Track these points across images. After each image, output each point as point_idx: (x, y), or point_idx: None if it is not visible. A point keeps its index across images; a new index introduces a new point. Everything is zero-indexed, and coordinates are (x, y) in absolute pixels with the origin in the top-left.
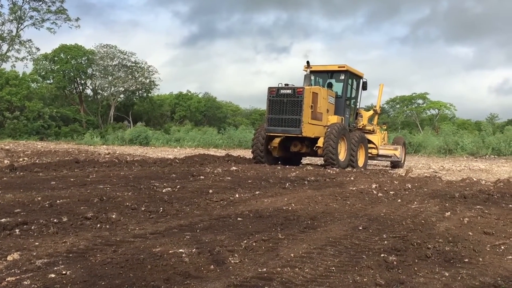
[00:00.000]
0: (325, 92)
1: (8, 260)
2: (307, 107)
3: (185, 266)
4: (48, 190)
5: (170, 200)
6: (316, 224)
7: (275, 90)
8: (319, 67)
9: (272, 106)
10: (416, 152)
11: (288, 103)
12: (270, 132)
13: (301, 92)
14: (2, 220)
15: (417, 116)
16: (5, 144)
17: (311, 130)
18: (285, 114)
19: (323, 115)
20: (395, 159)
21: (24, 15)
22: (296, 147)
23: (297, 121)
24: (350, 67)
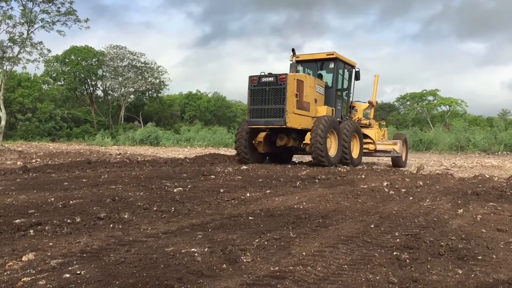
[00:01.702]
0: (312, 80)
1: (23, 260)
2: (291, 96)
3: (197, 265)
4: (61, 191)
5: (181, 199)
6: (327, 222)
7: (256, 79)
8: (306, 56)
9: (253, 96)
10: (427, 149)
11: (270, 92)
12: (252, 124)
13: (284, 79)
14: (17, 221)
15: (428, 113)
16: (17, 146)
17: (296, 120)
18: (268, 104)
19: (310, 105)
20: (395, 154)
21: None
22: (282, 141)
23: (280, 110)
24: (340, 55)
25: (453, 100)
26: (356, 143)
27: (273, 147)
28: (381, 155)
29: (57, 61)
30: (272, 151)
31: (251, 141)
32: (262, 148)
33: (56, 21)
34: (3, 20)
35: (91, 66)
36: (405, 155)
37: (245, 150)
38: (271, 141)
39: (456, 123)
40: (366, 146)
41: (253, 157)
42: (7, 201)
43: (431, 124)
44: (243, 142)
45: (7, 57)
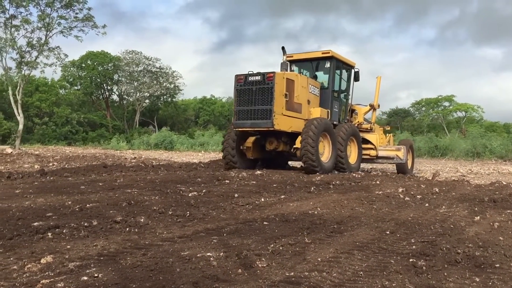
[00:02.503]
0: (305, 80)
1: (41, 263)
2: (280, 96)
3: (213, 269)
4: (78, 194)
5: (196, 204)
6: (342, 228)
7: (242, 78)
8: (300, 55)
9: (240, 97)
10: (443, 155)
11: (257, 92)
12: (238, 126)
13: (272, 78)
14: (35, 223)
15: (443, 119)
16: (34, 149)
17: (286, 123)
18: (255, 105)
19: (302, 106)
20: (398, 161)
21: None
22: (272, 145)
23: (267, 112)
24: (337, 54)
25: (469, 106)
26: (353, 147)
27: (263, 152)
28: (384, 161)
29: (74, 66)
30: (263, 156)
31: (239, 146)
32: (251, 154)
33: (73, 26)
34: (21, 25)
35: (107, 71)
36: (411, 162)
37: (233, 155)
38: (261, 145)
39: (472, 129)
40: (367, 152)
41: (241, 163)
42: (25, 204)
43: (447, 130)
44: (230, 147)
45: (25, 61)
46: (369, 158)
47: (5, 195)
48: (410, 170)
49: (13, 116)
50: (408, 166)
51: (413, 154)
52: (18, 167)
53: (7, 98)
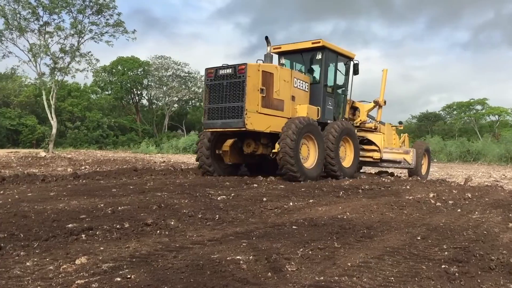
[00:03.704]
0: (287, 73)
1: (76, 263)
2: (253, 91)
3: (243, 273)
4: (109, 197)
5: (225, 207)
6: (372, 233)
7: (213, 72)
8: (288, 46)
9: (210, 93)
10: (475, 160)
11: (228, 87)
12: (208, 127)
13: (243, 71)
14: (69, 225)
15: (475, 123)
16: (67, 153)
17: (262, 122)
18: (226, 102)
19: (284, 103)
20: (406, 166)
21: (84, 29)
22: (250, 148)
23: (238, 109)
24: (330, 43)
25: (503, 110)
26: (349, 149)
27: (244, 156)
28: (389, 165)
29: (105, 71)
30: (243, 161)
31: (214, 150)
32: (229, 158)
33: (104, 32)
34: (55, 31)
35: (137, 76)
36: (427, 167)
37: (208, 161)
38: (241, 148)
39: (506, 133)
40: (370, 154)
41: (218, 170)
42: (60, 206)
43: (479, 134)
44: (205, 151)
45: (58, 67)
46: (372, 161)
47: (40, 198)
48: (425, 176)
49: (47, 120)
50: (423, 171)
51: (429, 158)
52: (52, 170)
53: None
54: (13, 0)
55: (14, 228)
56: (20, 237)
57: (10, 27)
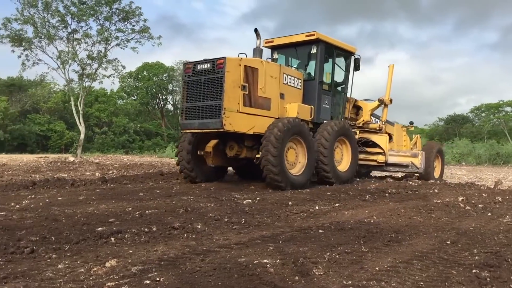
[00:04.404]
0: (275, 68)
1: (106, 266)
2: (234, 88)
3: (270, 276)
4: (137, 201)
5: (251, 211)
6: (400, 237)
7: (191, 67)
8: (281, 39)
9: (188, 90)
10: (505, 163)
11: (206, 84)
12: (186, 128)
13: (222, 66)
14: (99, 228)
15: (505, 125)
16: (95, 158)
17: (244, 122)
18: (203, 100)
19: (271, 101)
20: (414, 170)
21: (110, 36)
22: (232, 151)
23: (215, 108)
24: (325, 36)
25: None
26: (345, 151)
27: (228, 158)
28: (395, 169)
29: (131, 77)
30: (228, 164)
31: (196, 153)
32: (212, 160)
33: (130, 38)
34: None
35: (162, 81)
36: (440, 169)
37: (189, 165)
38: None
39: None
40: (374, 158)
41: (200, 173)
42: (89, 210)
43: (509, 137)
44: (185, 155)
45: (86, 73)
46: (376, 165)
47: (70, 202)
48: (438, 179)
49: (75, 126)
50: (435, 174)
51: (442, 160)
52: (81, 174)
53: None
54: (43, 9)
55: (46, 232)
56: (52, 240)
57: (39, 35)
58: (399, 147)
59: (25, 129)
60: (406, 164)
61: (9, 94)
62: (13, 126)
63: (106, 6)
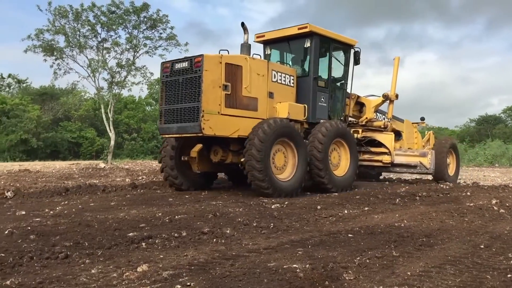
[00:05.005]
0: (262, 64)
1: (138, 271)
2: (214, 87)
3: (300, 281)
4: (167, 206)
5: (279, 216)
6: (432, 241)
7: (169, 66)
8: (273, 33)
9: (167, 92)
10: None
11: (184, 84)
12: (164, 132)
13: (200, 64)
14: (130, 234)
15: None
16: (124, 164)
17: (225, 125)
18: (181, 102)
19: (258, 101)
20: (423, 171)
21: (139, 44)
22: (217, 156)
23: (194, 111)
24: (319, 28)
25: None
26: (344, 154)
27: (215, 164)
28: (403, 170)
29: (159, 83)
30: (216, 169)
31: (180, 158)
32: (197, 166)
33: (158, 46)
34: (112, 47)
35: None
36: (455, 166)
37: (173, 172)
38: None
39: None
40: (379, 158)
41: (187, 182)
42: (120, 216)
43: None
44: (169, 161)
45: (116, 81)
46: (382, 165)
47: (102, 207)
48: (453, 178)
49: (105, 132)
50: (450, 172)
51: (457, 156)
52: (111, 180)
53: (99, 116)
54: (73, 19)
55: (79, 237)
56: (85, 245)
57: (70, 45)
58: (409, 145)
59: (58, 137)
60: (414, 165)
61: (42, 103)
62: (46, 134)
63: (134, 15)
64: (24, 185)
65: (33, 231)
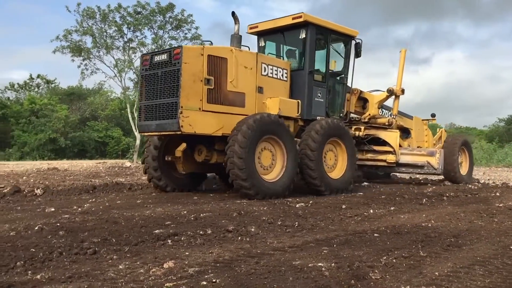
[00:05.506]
0: (250, 57)
1: (164, 267)
2: (193, 82)
3: (325, 280)
4: (192, 204)
5: (304, 215)
6: (460, 242)
7: (148, 58)
8: (267, 24)
9: (146, 86)
10: None
11: (163, 78)
12: (143, 130)
13: (179, 56)
14: (156, 231)
15: None
16: None
17: (208, 122)
18: (160, 97)
19: (246, 96)
20: (431, 171)
21: (164, 44)
22: (201, 155)
23: (172, 107)
24: (315, 17)
25: None
26: (340, 155)
27: (201, 164)
28: (409, 170)
29: None
30: (203, 169)
31: (163, 158)
32: (183, 166)
33: None
34: (138, 47)
35: None
36: (468, 165)
37: (157, 174)
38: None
39: None
40: (383, 157)
41: (172, 182)
42: (146, 213)
43: None
44: (152, 162)
45: None
46: (386, 165)
47: (128, 205)
48: (466, 177)
49: (131, 132)
50: (462, 171)
51: (470, 154)
52: (137, 179)
53: (125, 116)
54: (100, 20)
55: (107, 234)
56: (112, 241)
57: (97, 45)
58: (419, 143)
59: (85, 136)
60: (421, 164)
61: (70, 103)
62: (73, 133)
63: (160, 15)
64: (53, 183)
65: (62, 227)
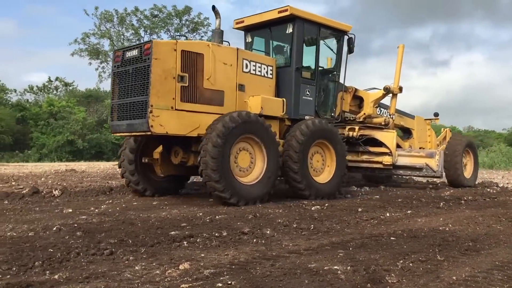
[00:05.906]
0: (229, 52)
1: (180, 269)
2: (164, 79)
3: (341, 283)
4: (207, 206)
5: (320, 217)
6: (478, 246)
7: (120, 55)
8: (254, 19)
9: (119, 84)
10: None
11: (134, 75)
12: (115, 131)
13: (149, 52)
14: (172, 232)
15: None
16: None
17: (181, 122)
18: (131, 96)
19: (225, 94)
20: (430, 174)
21: None
22: (177, 157)
23: (141, 105)
24: (302, 11)
25: None
26: (329, 158)
27: (181, 166)
28: (407, 173)
29: None
30: (182, 172)
31: (141, 161)
32: (161, 168)
33: None
34: None
35: None
36: (473, 168)
37: (134, 178)
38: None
39: None
40: (379, 159)
41: (151, 186)
42: (162, 215)
43: None
44: (128, 165)
45: None
46: (383, 167)
47: (145, 207)
48: (471, 180)
49: None
50: (466, 174)
51: (475, 156)
52: None
53: None
54: (118, 23)
55: (123, 235)
56: (129, 243)
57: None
58: (421, 144)
59: (102, 138)
60: (420, 167)
61: (87, 105)
62: (91, 136)
63: (177, 18)
64: (71, 184)
65: (79, 228)
